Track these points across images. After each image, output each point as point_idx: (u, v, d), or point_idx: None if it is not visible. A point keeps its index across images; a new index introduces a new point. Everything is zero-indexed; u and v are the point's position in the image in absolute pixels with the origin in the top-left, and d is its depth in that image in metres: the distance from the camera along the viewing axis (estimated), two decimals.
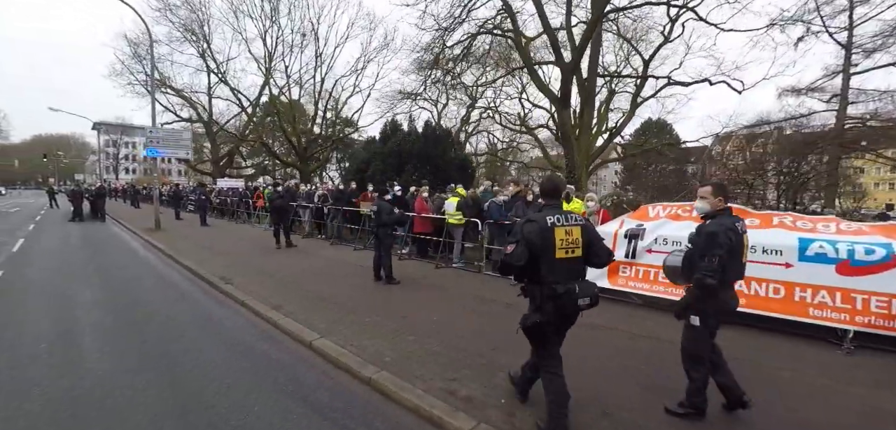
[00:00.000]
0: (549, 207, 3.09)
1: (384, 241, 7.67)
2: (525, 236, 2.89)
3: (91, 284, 7.80)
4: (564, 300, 2.87)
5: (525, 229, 2.93)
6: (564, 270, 2.91)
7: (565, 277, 2.90)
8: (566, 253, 2.91)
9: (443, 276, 8.56)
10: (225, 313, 6.19)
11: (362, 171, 14.42)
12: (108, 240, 13.83)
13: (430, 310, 6.24)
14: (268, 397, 3.83)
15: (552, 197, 3.15)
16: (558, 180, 3.33)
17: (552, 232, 2.88)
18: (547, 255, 2.88)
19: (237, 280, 7.84)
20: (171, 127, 23.47)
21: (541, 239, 2.87)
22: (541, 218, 2.94)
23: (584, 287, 2.93)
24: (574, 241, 2.94)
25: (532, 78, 13.44)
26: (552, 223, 2.90)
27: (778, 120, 24.54)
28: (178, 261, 9.73)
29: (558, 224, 2.91)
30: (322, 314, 5.91)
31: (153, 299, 6.84)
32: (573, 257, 2.95)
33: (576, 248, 2.95)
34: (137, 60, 27.86)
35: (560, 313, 2.96)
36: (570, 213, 3.08)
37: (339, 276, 8.43)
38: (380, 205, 7.63)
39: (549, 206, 3.10)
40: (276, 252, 11.10)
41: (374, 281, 7.83)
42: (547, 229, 2.88)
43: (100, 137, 58.50)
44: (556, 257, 2.88)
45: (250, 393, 3.88)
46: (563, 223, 2.93)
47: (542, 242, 2.87)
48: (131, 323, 5.68)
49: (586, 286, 2.94)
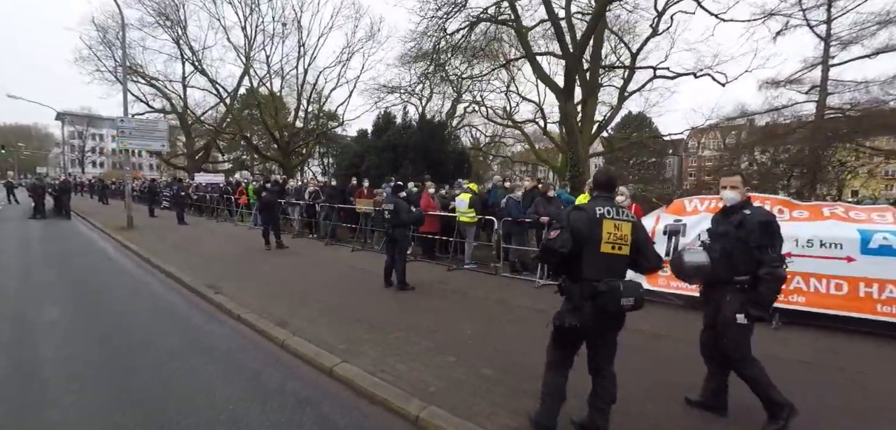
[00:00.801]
0: (600, 198, 2.86)
1: (400, 243, 6.81)
2: (571, 223, 2.70)
3: (55, 297, 6.64)
4: (606, 299, 2.60)
5: (572, 217, 2.75)
6: (608, 266, 2.69)
7: (608, 273, 2.66)
8: (612, 248, 2.70)
9: (457, 279, 7.75)
10: (219, 332, 5.21)
11: (356, 166, 13.42)
12: (75, 241, 12.42)
13: (458, 321, 5.45)
14: None
15: (605, 189, 2.93)
16: (612, 173, 3.16)
17: (600, 223, 2.68)
18: (591, 247, 2.67)
19: (228, 288, 6.83)
20: (144, 118, 21.61)
21: (588, 228, 2.66)
22: (590, 207, 2.76)
23: (629, 287, 2.65)
24: (622, 237, 2.72)
25: (534, 68, 12.77)
26: (601, 215, 2.70)
27: (759, 111, 24.66)
28: (157, 266, 8.59)
29: (608, 216, 2.70)
30: (336, 330, 5.03)
31: (130, 315, 5.77)
32: (619, 254, 2.72)
33: (623, 244, 2.72)
34: (106, 46, 25.86)
35: (600, 314, 2.66)
36: (622, 207, 2.86)
37: (343, 282, 7.52)
38: (397, 203, 6.75)
39: (600, 197, 2.87)
40: (266, 254, 10.06)
41: (385, 287, 6.98)
42: (595, 220, 2.68)
43: (64, 128, 54.79)
44: (600, 251, 2.67)
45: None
46: (614, 217, 2.72)
47: (589, 232, 2.66)
48: (106, 346, 4.66)
49: (631, 286, 2.67)
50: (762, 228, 2.93)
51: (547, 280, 7.30)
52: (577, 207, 2.88)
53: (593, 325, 2.72)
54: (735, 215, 3.10)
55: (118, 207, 24.30)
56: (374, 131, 14.30)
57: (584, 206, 2.82)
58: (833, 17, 20.27)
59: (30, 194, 18.82)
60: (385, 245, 7.26)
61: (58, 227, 15.43)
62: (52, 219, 17.61)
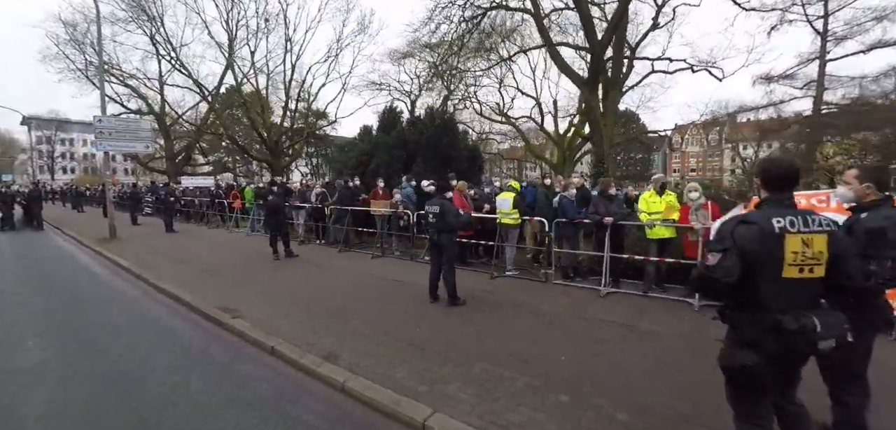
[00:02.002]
0: (776, 203, 2.09)
1: (448, 251, 5.82)
2: (738, 242, 1.99)
3: (35, 329, 5.40)
4: (795, 340, 1.93)
5: (737, 233, 2.02)
6: (794, 293, 1.98)
7: (795, 304, 1.96)
8: (799, 272, 1.97)
9: (504, 289, 6.81)
10: (254, 373, 4.11)
11: (363, 164, 12.31)
12: (52, 256, 10.93)
13: (538, 343, 4.52)
14: None
15: (781, 188, 2.13)
16: (793, 164, 2.22)
17: (780, 241, 1.95)
18: (769, 270, 1.97)
19: (246, 310, 5.72)
20: (124, 117, 19.73)
21: (761, 248, 1.96)
22: (762, 219, 2.01)
23: (828, 322, 1.92)
24: (815, 255, 1.97)
25: (554, 59, 11.96)
26: (781, 228, 1.96)
27: (756, 106, 24.56)
28: (155, 285, 7.34)
29: (791, 230, 1.97)
30: (403, 364, 4.02)
31: (139, 355, 4.61)
32: (810, 277, 1.99)
33: (815, 265, 1.98)
34: (74, 45, 23.75)
35: (786, 355, 2.01)
36: (810, 213, 2.05)
37: (380, 296, 6.48)
38: (444, 205, 5.75)
39: (774, 202, 2.10)
40: (275, 264, 8.89)
41: (431, 302, 5.98)
42: (771, 236, 1.96)
43: (31, 132, 51.29)
44: (782, 276, 1.96)
45: None
46: (801, 230, 1.97)
47: (762, 252, 1.97)
48: (122, 409, 3.53)
49: (831, 322, 1.94)
50: (868, 235, 2.45)
51: (610, 288, 6.45)
52: (743, 219, 2.08)
53: (777, 365, 2.05)
54: (851, 217, 2.64)
55: (94, 215, 22.45)
56: (381, 127, 13.19)
57: (755, 216, 2.04)
58: (830, 12, 20.26)
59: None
60: (429, 253, 6.26)
61: (30, 240, 13.77)
62: (22, 231, 15.86)
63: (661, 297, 6.18)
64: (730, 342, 2.18)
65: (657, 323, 5.14)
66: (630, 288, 6.55)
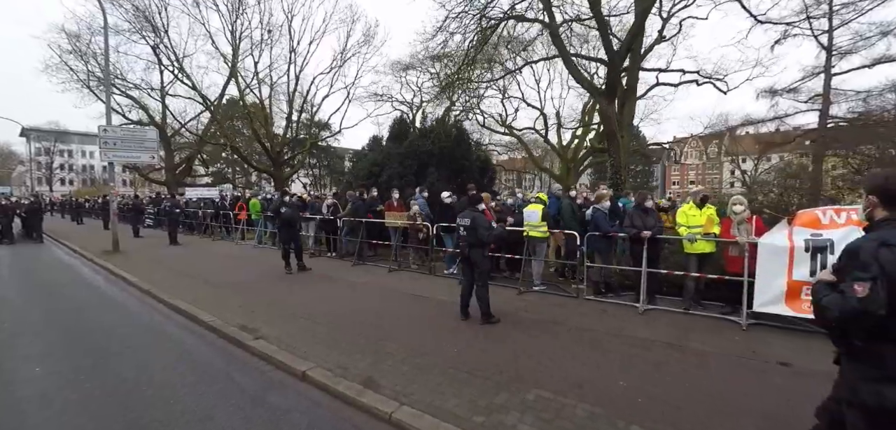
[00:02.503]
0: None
1: (481, 266, 5.48)
2: (886, 268, 1.71)
3: (40, 350, 5.01)
4: None
5: (883, 258, 1.74)
6: None
7: None
8: None
9: (535, 305, 6.46)
10: (286, 405, 3.71)
11: (374, 175, 11.99)
12: (53, 270, 10.50)
13: (592, 366, 4.17)
14: None
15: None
16: None
17: None
18: None
19: (266, 330, 5.35)
20: (130, 127, 19.32)
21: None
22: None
23: None
24: None
25: (569, 69, 11.75)
26: None
27: (761, 119, 24.46)
28: (164, 301, 6.95)
29: None
30: (449, 389, 3.67)
31: (149, 378, 4.22)
32: None
33: None
34: (77, 56, 23.44)
35: None
36: None
37: (404, 313, 6.11)
38: (475, 217, 5.42)
39: None
40: (289, 279, 8.51)
41: (462, 318, 5.64)
42: None
43: (30, 144, 50.72)
44: None
45: None
46: None
47: None
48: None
49: None
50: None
51: (648, 305, 6.12)
52: (885, 242, 1.80)
53: None
54: None
55: (94, 227, 21.98)
56: (392, 136, 12.91)
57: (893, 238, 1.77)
58: (834, 28, 20.27)
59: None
60: (459, 268, 5.92)
61: (30, 254, 13.32)
62: (21, 244, 15.40)
63: (703, 314, 5.86)
64: (864, 379, 1.87)
65: (707, 343, 4.81)
66: (667, 305, 6.22)
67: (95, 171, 73.71)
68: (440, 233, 8.44)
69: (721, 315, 5.75)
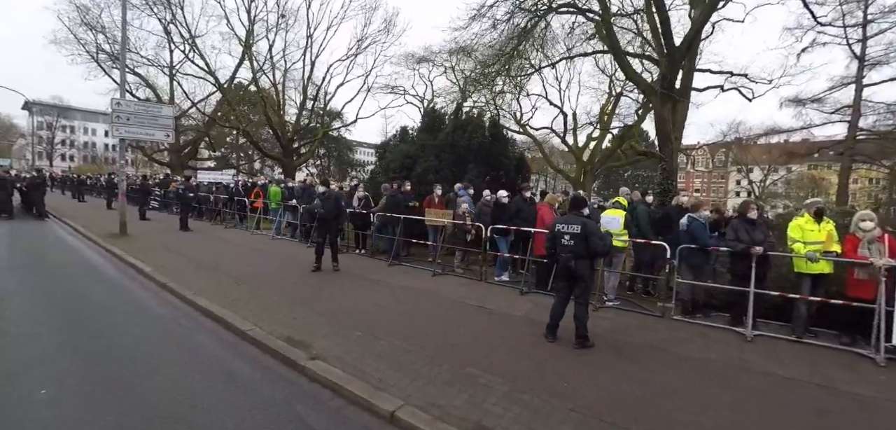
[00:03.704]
0: None
1: (585, 282, 4.55)
2: None
3: (44, 365, 4.03)
4: None
5: None
6: None
7: None
8: None
9: (620, 326, 5.53)
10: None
11: (407, 168, 11.01)
12: (56, 253, 9.46)
13: (742, 412, 3.24)
14: None
15: None
16: None
17: None
18: None
19: (319, 345, 4.40)
20: (144, 103, 18.00)
21: None
22: None
23: None
24: None
25: (621, 65, 10.85)
26: None
27: (788, 129, 23.62)
28: (189, 300, 5.95)
29: None
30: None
31: (183, 413, 3.26)
32: None
33: None
34: (87, 28, 22.27)
35: None
36: None
37: (474, 330, 5.15)
38: (586, 224, 4.47)
39: None
40: (321, 278, 7.53)
41: (550, 340, 4.72)
42: None
43: (33, 118, 49.07)
44: None
45: None
46: None
47: None
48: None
49: None
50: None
51: (757, 331, 5.21)
52: None
53: None
54: None
55: (96, 205, 20.86)
56: (426, 127, 11.92)
57: None
58: (870, 36, 19.42)
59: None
60: (554, 282, 5.00)
61: (30, 231, 12.23)
62: (20, 220, 14.29)
63: (817, 343, 4.97)
64: None
65: (853, 383, 3.93)
66: (772, 330, 5.33)
67: (97, 148, 72.08)
68: (493, 236, 7.49)
69: (843, 347, 4.86)
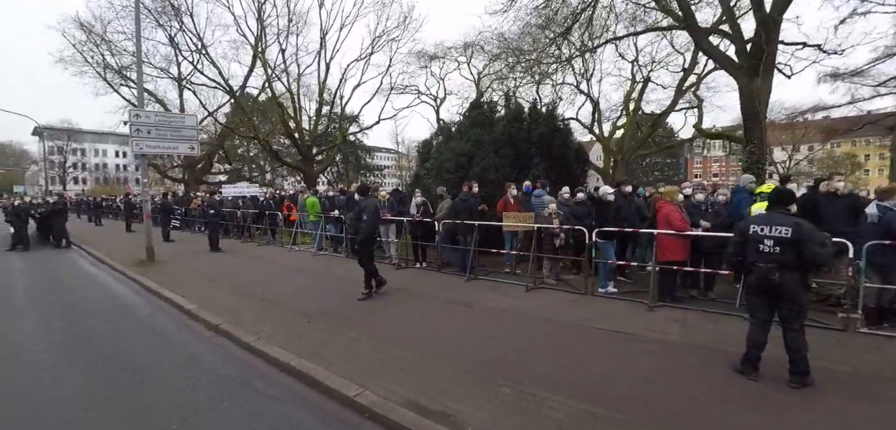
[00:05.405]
0: None
1: (795, 299, 3.29)
2: None
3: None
4: None
5: None
6: None
7: None
8: None
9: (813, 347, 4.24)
10: None
11: (462, 166, 9.75)
12: (81, 290, 8.26)
13: None
14: None
15: None
16: None
17: None
18: None
19: (462, 414, 3.15)
20: (164, 114, 16.68)
21: None
22: None
23: None
24: None
25: (702, 47, 9.56)
26: None
27: (830, 106, 22.09)
28: (254, 348, 4.71)
29: None
30: None
31: None
32: None
33: None
34: (94, 45, 21.24)
35: None
36: None
37: (633, 370, 3.84)
38: (800, 225, 3.21)
39: None
40: (390, 305, 6.25)
41: (750, 378, 3.45)
42: None
43: (44, 143, 48.26)
44: None
45: None
46: None
47: None
48: None
49: None
50: None
51: None
52: None
53: None
54: None
55: (115, 228, 19.81)
56: (478, 121, 10.66)
57: None
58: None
59: (7, 219, 14.23)
60: (748, 300, 3.73)
61: (50, 262, 11.09)
62: (37, 250, 13.19)
63: None
64: None
65: None
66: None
67: (108, 169, 71.31)
68: (597, 241, 6.20)
69: None
